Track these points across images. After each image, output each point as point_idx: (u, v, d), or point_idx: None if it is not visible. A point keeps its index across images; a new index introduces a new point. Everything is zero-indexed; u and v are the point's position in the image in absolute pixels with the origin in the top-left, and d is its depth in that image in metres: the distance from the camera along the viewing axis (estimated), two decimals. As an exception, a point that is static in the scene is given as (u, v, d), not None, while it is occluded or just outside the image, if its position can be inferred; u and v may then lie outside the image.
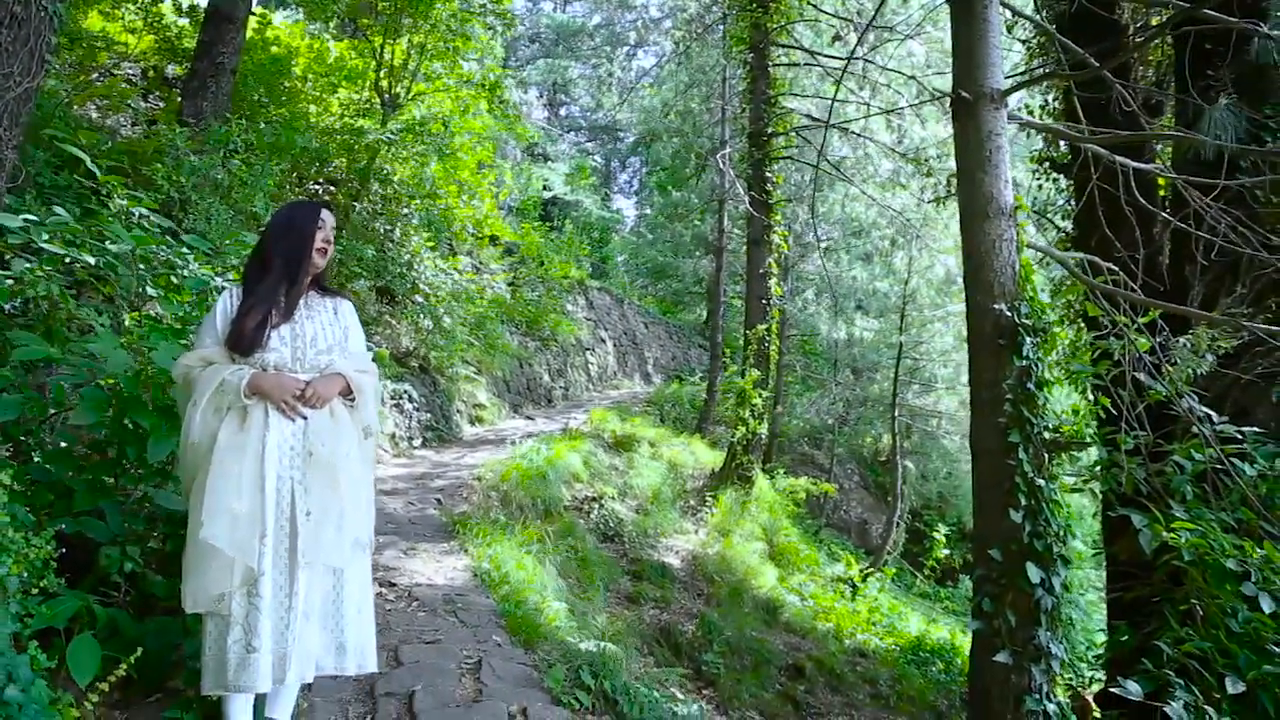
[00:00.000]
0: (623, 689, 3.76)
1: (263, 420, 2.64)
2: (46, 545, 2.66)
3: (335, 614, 2.74)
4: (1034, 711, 3.31)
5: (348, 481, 2.73)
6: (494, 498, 7.40)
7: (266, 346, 2.71)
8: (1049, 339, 3.68)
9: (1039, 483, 3.44)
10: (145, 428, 3.35)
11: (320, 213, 2.93)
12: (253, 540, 2.55)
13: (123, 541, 3.24)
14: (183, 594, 2.58)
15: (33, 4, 4.71)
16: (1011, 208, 3.86)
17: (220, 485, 2.55)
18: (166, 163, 7.63)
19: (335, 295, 3.01)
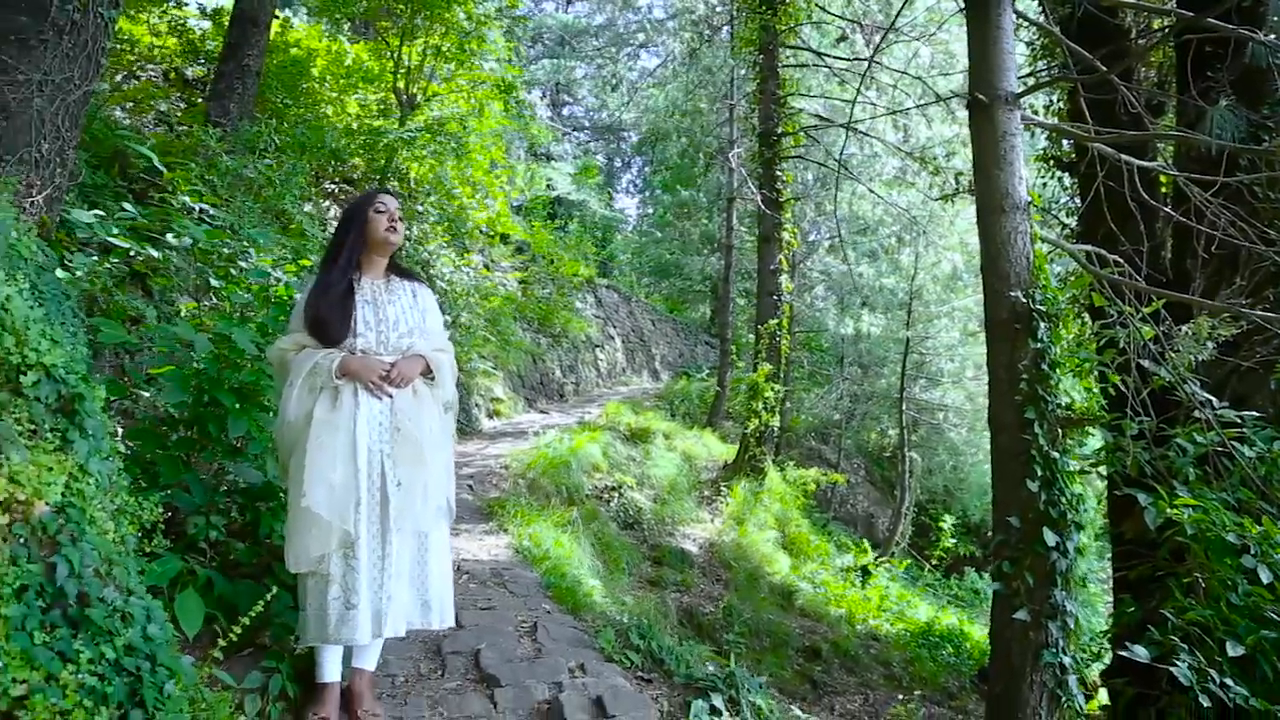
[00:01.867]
0: (668, 650, 4.04)
1: (353, 399, 2.89)
2: (155, 509, 2.93)
3: (421, 574, 3.00)
4: (1051, 664, 3.59)
5: (432, 453, 2.98)
6: (521, 484, 7.69)
7: (355, 332, 2.96)
8: (1062, 324, 3.95)
9: (1053, 455, 3.71)
10: (225, 407, 3.64)
11: (379, 196, 3.15)
12: (349, 507, 2.81)
13: (206, 512, 3.52)
14: (286, 555, 2.85)
15: (89, 10, 4.99)
16: (1025, 203, 4.13)
17: (318, 458, 2.81)
18: (199, 162, 7.89)
19: (412, 279, 3.25)
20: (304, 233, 8.31)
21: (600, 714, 3.19)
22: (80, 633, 2.07)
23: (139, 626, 2.24)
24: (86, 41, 5.02)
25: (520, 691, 3.34)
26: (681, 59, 19.61)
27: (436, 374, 3.08)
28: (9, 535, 2.01)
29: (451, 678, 3.48)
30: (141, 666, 2.18)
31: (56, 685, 1.94)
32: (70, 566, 2.10)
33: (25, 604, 1.95)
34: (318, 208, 10.70)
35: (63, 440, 2.31)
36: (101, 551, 2.25)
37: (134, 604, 2.28)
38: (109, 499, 2.48)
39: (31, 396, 2.24)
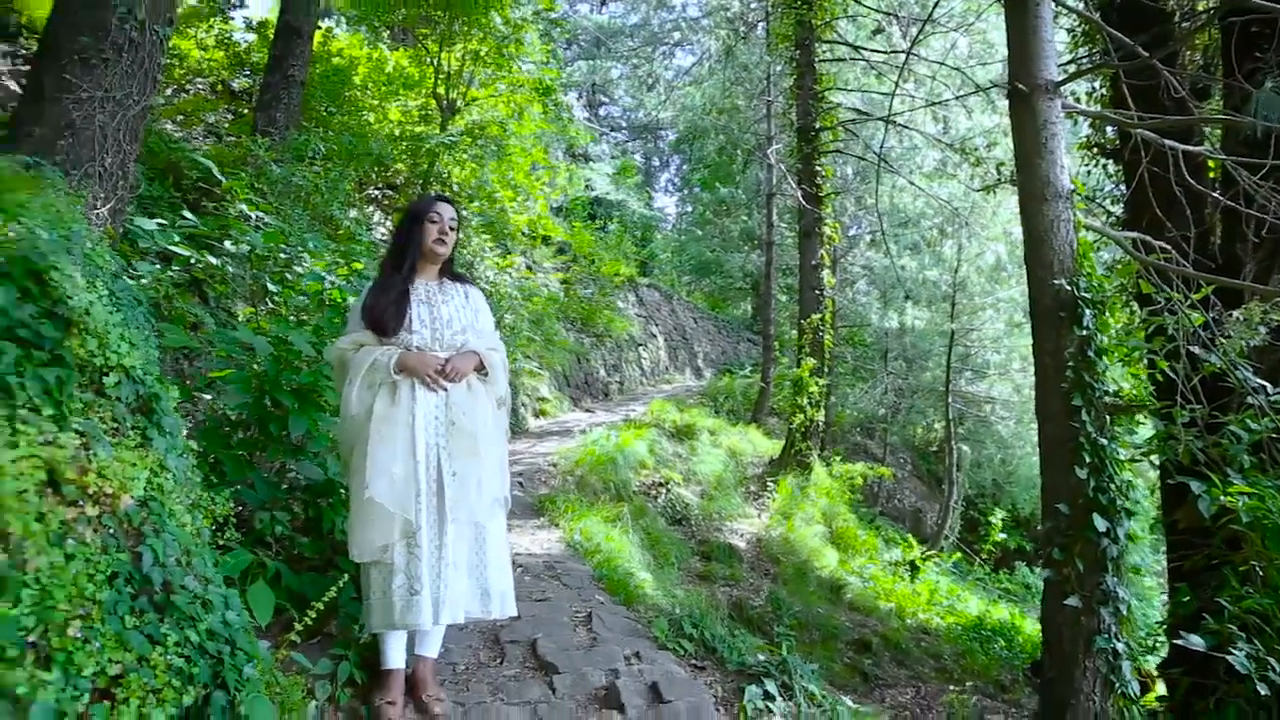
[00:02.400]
0: (720, 639, 4.11)
1: (410, 394, 3.01)
2: (226, 504, 3.06)
3: (480, 564, 3.09)
4: (1104, 649, 3.59)
5: (486, 446, 3.09)
6: (570, 481, 7.80)
7: (410, 329, 3.08)
8: (1108, 310, 3.94)
9: (1101, 442, 3.72)
10: (285, 407, 3.77)
11: (435, 206, 3.27)
12: (410, 498, 2.92)
13: (271, 508, 3.66)
14: (350, 547, 2.97)
15: (146, 29, 5.17)
16: (1068, 191, 4.13)
17: (379, 452, 2.92)
18: (249, 171, 8.10)
19: (465, 282, 3.39)
20: (352, 237, 8.49)
21: (656, 699, 3.27)
22: (166, 618, 2.18)
23: (218, 613, 2.36)
24: (144, 59, 5.21)
25: (577, 678, 3.43)
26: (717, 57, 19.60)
27: (489, 370, 3.20)
28: (99, 526, 2.13)
29: (510, 665, 3.59)
30: (222, 650, 2.30)
31: (147, 666, 2.05)
32: (155, 555, 2.21)
33: (116, 590, 2.07)
34: (363, 213, 10.91)
35: (143, 437, 2.43)
36: (181, 542, 2.37)
37: (213, 592, 2.40)
38: (185, 494, 2.60)
39: (113, 396, 2.36)
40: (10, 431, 1.98)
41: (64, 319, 2.22)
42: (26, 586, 1.85)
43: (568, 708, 3.20)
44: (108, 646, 1.98)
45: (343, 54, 12.77)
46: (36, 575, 1.89)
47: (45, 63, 4.90)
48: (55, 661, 1.87)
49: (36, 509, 1.94)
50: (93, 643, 1.95)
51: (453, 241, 3.29)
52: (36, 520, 1.93)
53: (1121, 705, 3.60)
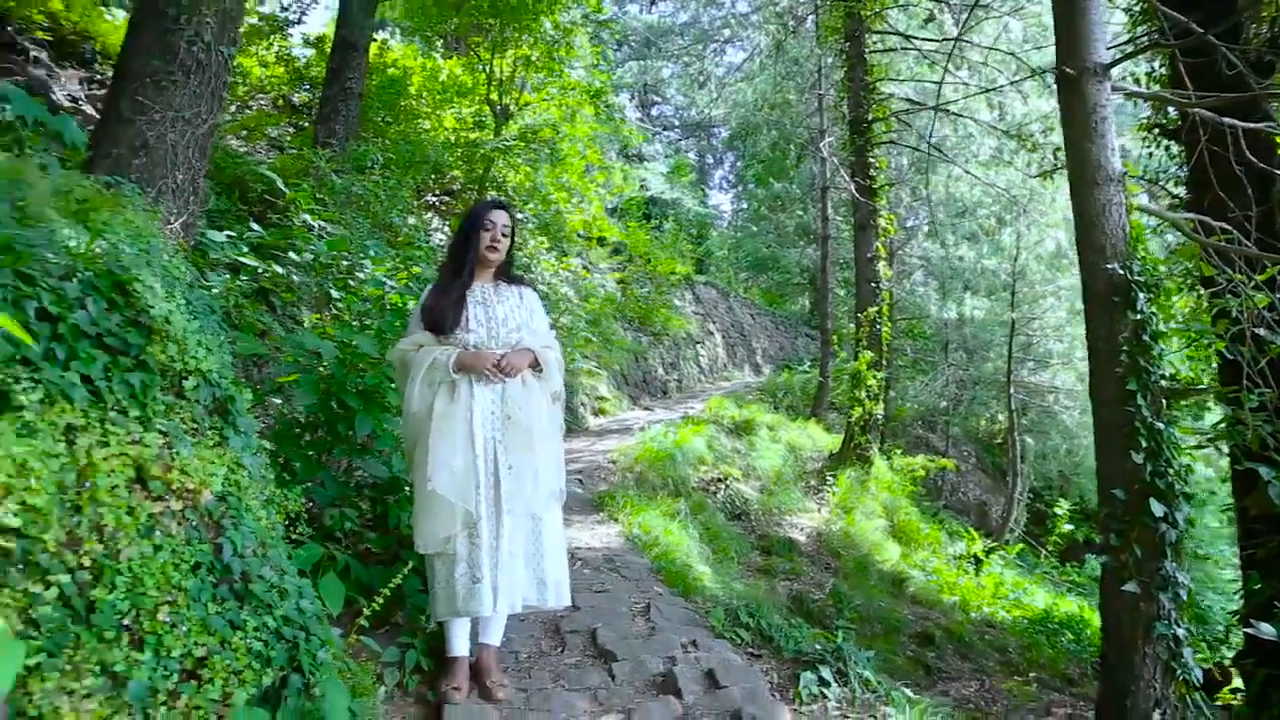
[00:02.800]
0: (777, 627, 4.17)
1: (469, 391, 3.15)
2: (298, 500, 3.21)
3: (536, 554, 3.22)
4: (1164, 635, 3.56)
5: (541, 440, 3.22)
6: (629, 478, 7.90)
7: (467, 328, 3.23)
8: (1163, 294, 3.90)
9: (1158, 426, 3.69)
10: (351, 408, 3.93)
11: (489, 213, 3.42)
12: (470, 490, 3.06)
13: (340, 504, 3.82)
14: (415, 539, 3.12)
15: (212, 50, 5.39)
16: (1119, 174, 4.09)
17: (440, 446, 3.07)
18: (311, 183, 8.36)
19: (520, 284, 3.52)
20: (410, 243, 8.69)
21: (712, 685, 3.35)
22: (245, 605, 2.33)
23: (293, 601, 2.50)
24: (210, 79, 5.44)
25: (636, 665, 3.52)
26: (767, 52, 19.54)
27: (544, 367, 3.32)
28: (182, 520, 2.28)
29: (571, 654, 3.70)
30: (297, 636, 2.43)
31: (229, 649, 2.19)
32: (234, 547, 2.36)
33: (199, 579, 2.22)
34: (421, 219, 11.15)
35: (220, 437, 2.59)
36: (257, 535, 2.51)
37: (288, 581, 2.53)
38: (260, 490, 2.74)
39: (192, 399, 2.51)
40: (102, 432, 2.13)
41: (146, 327, 2.37)
42: (120, 574, 2.00)
43: (626, 693, 3.30)
44: (193, 630, 2.12)
45: (397, 65, 13.06)
46: (129, 564, 2.03)
47: (120, 86, 5.14)
48: (147, 643, 2.01)
49: (127, 503, 2.09)
50: (180, 627, 2.10)
51: (506, 247, 3.43)
52: (127, 513, 2.08)
53: (1184, 692, 3.57)
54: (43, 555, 1.87)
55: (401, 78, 12.82)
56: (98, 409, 2.18)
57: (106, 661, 1.90)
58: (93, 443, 2.10)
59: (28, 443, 1.92)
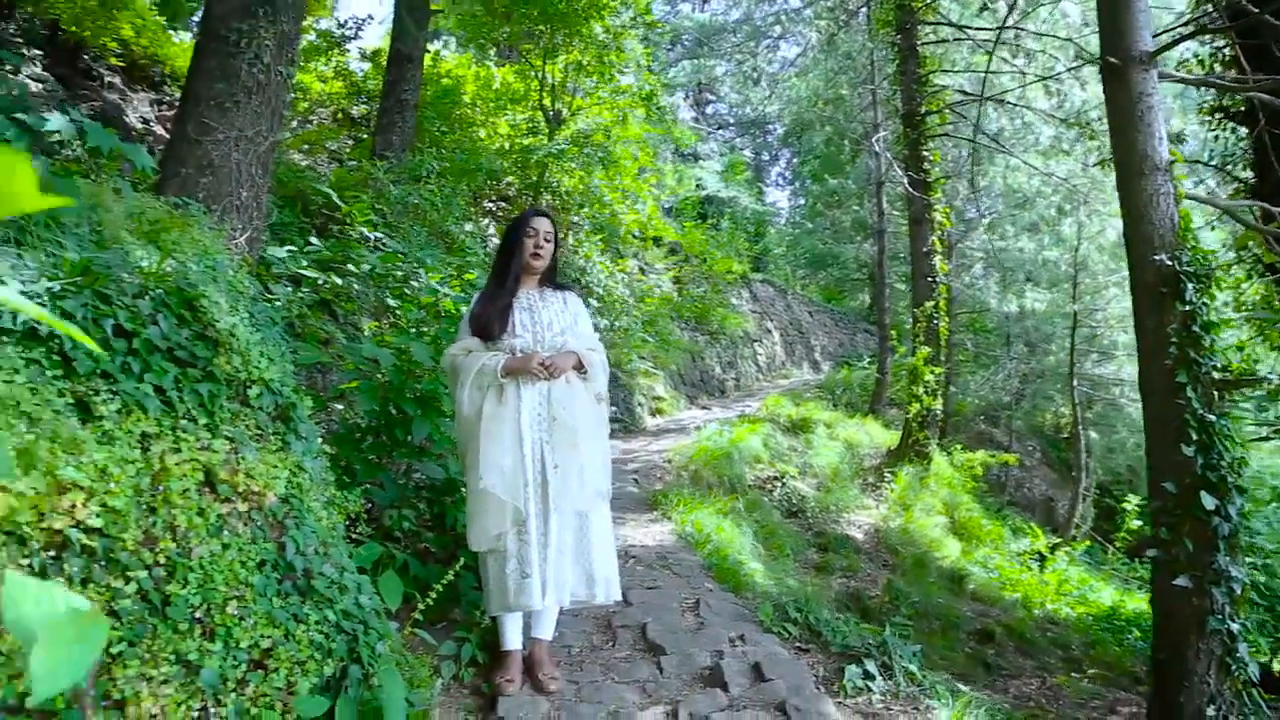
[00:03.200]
0: (825, 622, 4.22)
1: (516, 394, 3.27)
2: (358, 501, 3.35)
3: (584, 551, 3.33)
4: (1217, 630, 3.53)
5: (586, 440, 3.34)
6: (684, 476, 7.98)
7: (514, 333, 3.36)
8: (1213, 284, 3.85)
9: (1209, 418, 3.64)
10: (408, 413, 4.08)
11: (531, 221, 3.55)
12: (519, 488, 3.19)
13: (398, 506, 3.97)
14: (468, 537, 3.25)
15: (272, 71, 5.61)
16: (1167, 163, 4.05)
17: (490, 446, 3.20)
18: (370, 194, 8.59)
19: (564, 289, 3.64)
20: (465, 249, 8.88)
21: (758, 678, 3.41)
22: (307, 600, 2.47)
23: (353, 596, 2.63)
24: (271, 98, 5.66)
25: (684, 659, 3.61)
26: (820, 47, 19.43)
27: (588, 369, 3.43)
28: (248, 520, 2.43)
29: (621, 648, 3.80)
30: (357, 629, 2.57)
31: (293, 641, 2.33)
32: (296, 545, 2.50)
33: (265, 575, 2.36)
34: (478, 226, 11.36)
35: (282, 442, 2.74)
36: (319, 534, 2.66)
37: (347, 578, 2.68)
38: (321, 492, 2.89)
39: (256, 406, 2.66)
40: (174, 438, 2.29)
41: (213, 340, 2.53)
42: (192, 571, 2.15)
43: (674, 685, 3.38)
44: (260, 623, 2.27)
45: (451, 74, 13.31)
46: (200, 561, 2.18)
47: (186, 109, 5.38)
48: (217, 635, 2.16)
49: (197, 505, 2.25)
50: (247, 620, 2.24)
51: (549, 253, 3.54)
52: (198, 514, 2.23)
53: (1238, 688, 3.53)
54: (122, 553, 2.03)
55: (455, 87, 13.07)
56: (170, 417, 2.34)
57: (181, 651, 2.05)
58: (166, 449, 2.26)
59: (107, 449, 2.07)
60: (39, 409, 2.01)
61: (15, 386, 2.00)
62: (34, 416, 2.00)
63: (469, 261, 8.06)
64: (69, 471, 1.97)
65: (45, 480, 1.93)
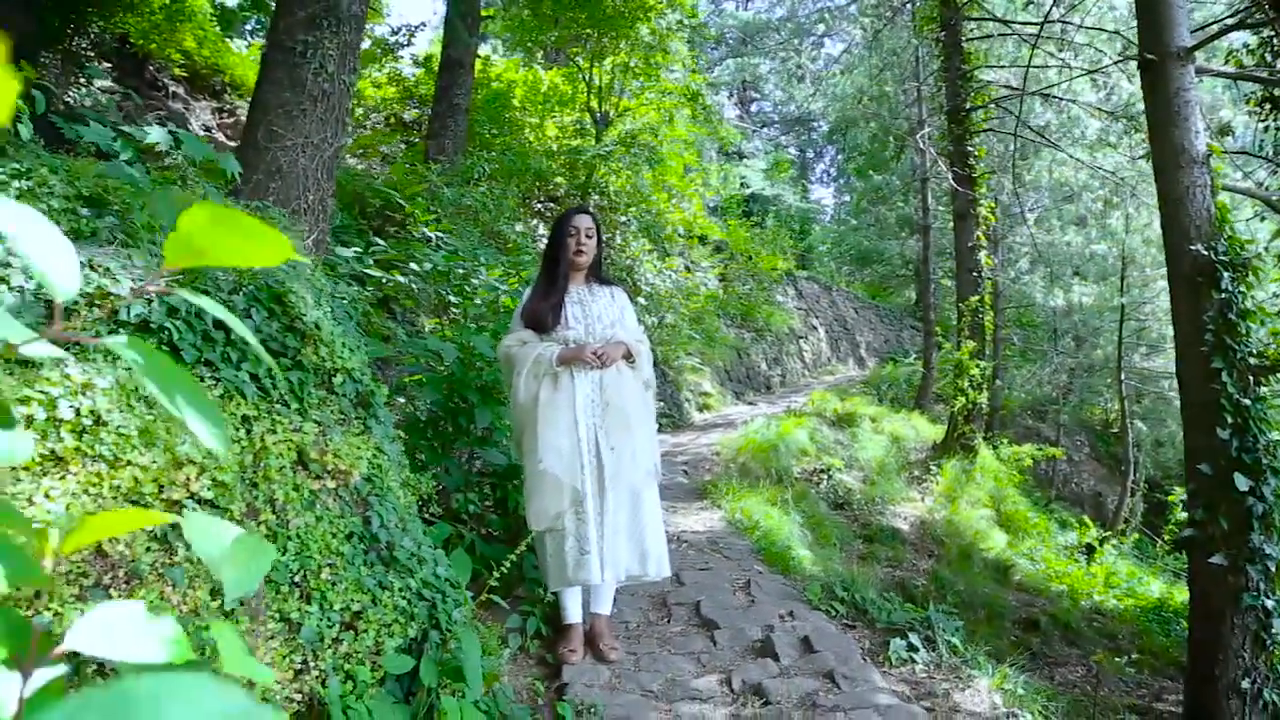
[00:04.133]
0: (871, 601, 4.38)
1: (570, 382, 3.51)
2: (430, 483, 3.59)
3: (637, 529, 3.54)
4: (1252, 607, 3.63)
5: (637, 423, 3.57)
6: (732, 468, 8.16)
7: (567, 325, 3.59)
8: (1250, 272, 3.94)
9: (1244, 403, 3.74)
10: (471, 403, 4.32)
11: (572, 220, 3.77)
12: (576, 469, 3.42)
13: (464, 490, 4.21)
14: (528, 516, 3.48)
15: (336, 80, 5.89)
16: (1204, 155, 4.13)
17: (547, 431, 3.44)
18: (425, 196, 8.88)
19: (611, 284, 3.85)
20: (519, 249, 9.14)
21: (807, 649, 3.60)
22: (390, 569, 2.70)
23: (431, 568, 2.86)
24: (335, 106, 5.95)
25: (735, 633, 3.81)
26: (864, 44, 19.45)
27: (636, 358, 3.66)
28: (337, 496, 2.67)
29: (676, 623, 4.01)
30: (436, 597, 2.80)
31: (379, 605, 2.56)
32: (380, 519, 2.73)
33: (353, 546, 2.59)
34: (528, 226, 11.63)
35: (364, 426, 2.97)
36: (398, 511, 2.89)
37: (425, 551, 2.91)
38: (398, 473, 3.13)
39: (340, 393, 2.90)
40: (270, 421, 2.53)
41: (300, 332, 2.77)
42: (290, 540, 2.38)
43: (727, 656, 3.59)
44: (350, 589, 2.50)
45: (500, 78, 13.60)
46: (296, 532, 2.42)
47: (255, 117, 5.68)
48: (313, 598, 2.39)
49: (293, 480, 2.48)
50: (339, 585, 2.47)
51: (592, 249, 3.75)
52: (294, 489, 2.47)
53: (1273, 662, 3.63)
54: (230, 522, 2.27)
55: (505, 91, 13.36)
56: (265, 402, 2.58)
57: (283, 610, 2.29)
58: (264, 430, 2.49)
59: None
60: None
61: (132, 374, 2.25)
62: (149, 400, 2.25)
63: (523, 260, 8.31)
64: (185, 448, 2.21)
65: (164, 456, 2.17)
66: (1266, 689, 3.59)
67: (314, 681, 2.32)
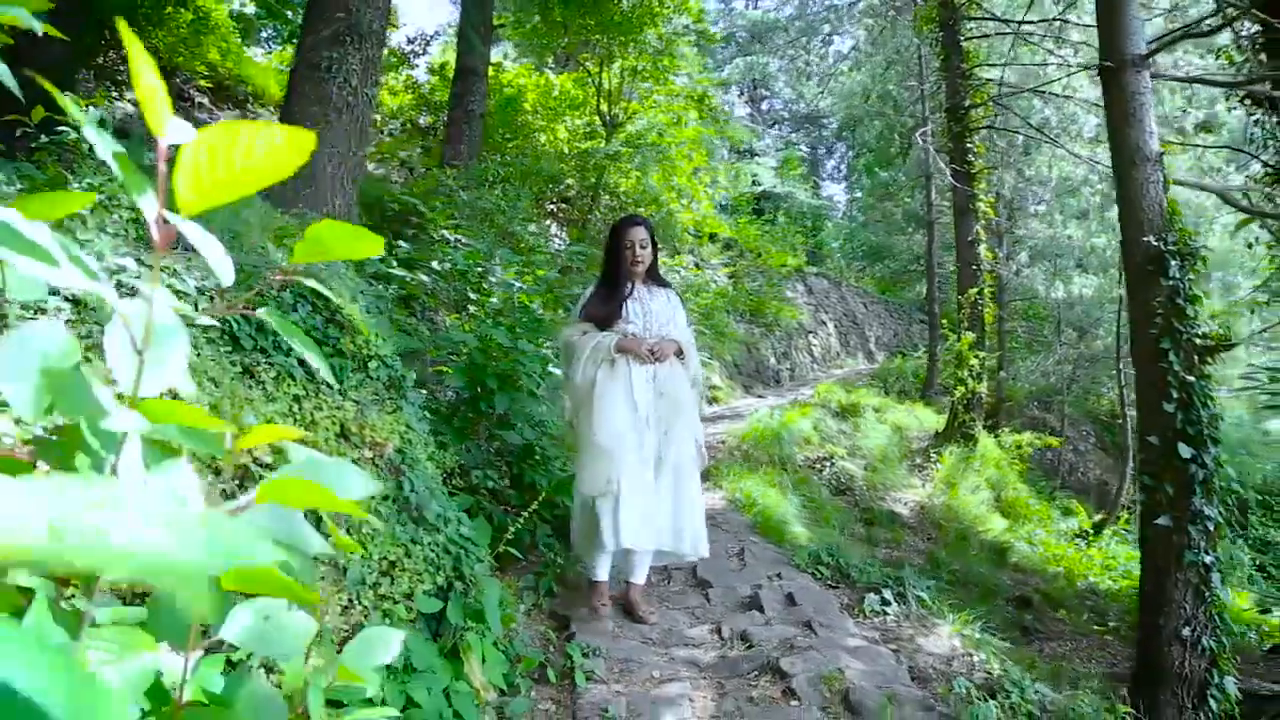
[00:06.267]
0: (854, 565, 4.78)
1: (627, 368, 3.89)
2: (453, 458, 4.01)
3: (680, 507, 3.91)
4: (1194, 563, 4.00)
5: (687, 411, 3.95)
6: (736, 455, 8.55)
7: (627, 319, 3.96)
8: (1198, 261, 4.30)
9: (1189, 380, 4.11)
10: (491, 388, 4.74)
11: (628, 229, 4.09)
12: (633, 443, 3.80)
13: (484, 466, 4.63)
14: (581, 483, 3.87)
15: (359, 93, 6.33)
16: (1156, 154, 4.49)
17: (604, 408, 3.81)
18: (442, 199, 9.30)
19: (667, 286, 4.23)
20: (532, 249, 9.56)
21: (790, 603, 4.01)
22: (420, 527, 3.11)
23: (455, 527, 3.28)
24: (359, 116, 6.39)
25: (728, 590, 4.23)
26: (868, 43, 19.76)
27: (687, 355, 4.04)
28: (374, 464, 3.09)
29: (675, 585, 4.44)
30: (459, 552, 3.21)
31: (412, 557, 2.98)
32: (410, 485, 3.15)
33: (389, 506, 3.01)
34: (541, 226, 12.05)
35: (395, 406, 3.39)
36: (426, 479, 3.31)
37: (450, 514, 3.32)
38: (425, 448, 3.55)
39: (374, 377, 3.32)
40: (316, 400, 2.95)
41: (340, 324, 3.19)
42: (336, 498, 2.81)
43: (719, 610, 4.01)
44: (386, 541, 2.92)
45: (513, 84, 14.01)
46: (341, 492, 2.84)
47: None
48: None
49: (337, 450, 2.90)
50: (377, 539, 2.89)
51: (648, 256, 4.09)
52: (338, 458, 2.89)
53: (1214, 611, 4.00)
54: (289, 481, 2.70)
55: (517, 96, 13.79)
56: (312, 384, 3.00)
57: (332, 556, 2.71)
58: (312, 407, 2.91)
59: (273, 404, 2.74)
60: (220, 374, 2.68)
61: (202, 358, 2.68)
62: (216, 380, 2.67)
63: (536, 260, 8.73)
64: (249, 419, 2.63)
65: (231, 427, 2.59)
66: (1205, 636, 3.95)
67: (359, 616, 2.74)
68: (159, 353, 0.85)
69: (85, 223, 2.74)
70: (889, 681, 3.13)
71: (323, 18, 6.18)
